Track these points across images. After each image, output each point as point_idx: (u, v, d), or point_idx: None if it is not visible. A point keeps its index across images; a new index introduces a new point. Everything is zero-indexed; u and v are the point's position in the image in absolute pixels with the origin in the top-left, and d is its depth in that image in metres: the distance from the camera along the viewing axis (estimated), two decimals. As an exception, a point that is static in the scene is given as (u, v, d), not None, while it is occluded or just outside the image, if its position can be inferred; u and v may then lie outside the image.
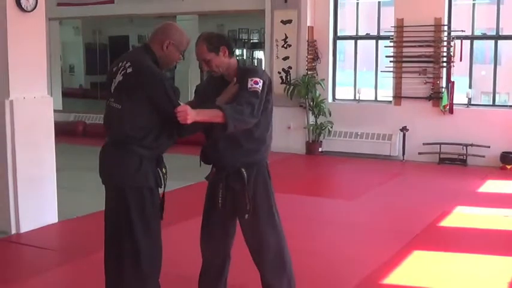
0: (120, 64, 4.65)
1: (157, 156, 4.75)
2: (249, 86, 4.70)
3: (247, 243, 5.05)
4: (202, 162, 5.06)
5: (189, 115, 4.39)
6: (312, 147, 14.02)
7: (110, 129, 4.73)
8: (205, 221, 5.17)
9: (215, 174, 5.01)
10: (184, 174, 9.38)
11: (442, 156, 12.82)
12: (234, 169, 4.88)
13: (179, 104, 4.47)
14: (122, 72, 4.58)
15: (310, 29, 14.07)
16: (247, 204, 4.85)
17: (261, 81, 4.75)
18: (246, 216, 4.87)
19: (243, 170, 4.85)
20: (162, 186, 4.79)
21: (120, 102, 4.57)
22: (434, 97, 12.95)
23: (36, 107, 7.91)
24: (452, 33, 12.84)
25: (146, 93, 4.51)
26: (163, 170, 4.79)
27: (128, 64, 4.59)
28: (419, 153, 12.99)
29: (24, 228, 7.76)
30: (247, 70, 4.91)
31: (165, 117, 4.53)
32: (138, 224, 4.62)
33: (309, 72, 13.95)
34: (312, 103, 13.81)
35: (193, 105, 4.68)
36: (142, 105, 4.54)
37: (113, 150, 4.67)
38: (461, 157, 12.67)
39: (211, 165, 5.07)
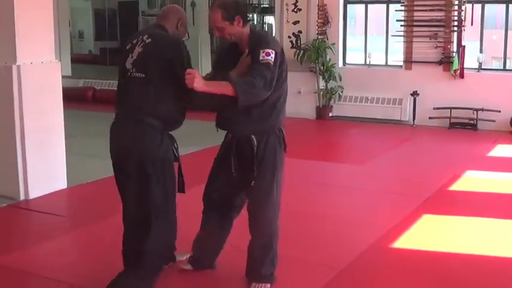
0: (136, 40, 4.84)
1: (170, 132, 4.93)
2: (261, 58, 4.66)
3: (248, 209, 5.15)
4: (218, 128, 5.11)
5: (196, 80, 4.41)
6: (322, 112, 13.97)
7: (129, 102, 4.80)
8: (214, 181, 5.22)
9: (228, 140, 5.05)
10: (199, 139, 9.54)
11: (452, 120, 12.76)
12: (244, 136, 4.90)
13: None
14: (141, 45, 4.77)
15: (321, -8, 13.97)
16: (254, 172, 4.87)
17: (273, 52, 4.70)
18: (252, 183, 4.91)
19: (253, 137, 4.86)
20: (178, 160, 4.99)
21: (144, 71, 4.70)
22: (445, 61, 12.85)
23: (44, 72, 7.87)
24: (464, -3, 12.72)
25: (166, 56, 4.70)
26: (175, 145, 4.97)
27: (146, 37, 4.81)
28: (430, 118, 12.93)
29: (33, 195, 7.76)
30: (259, 40, 4.83)
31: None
32: (159, 195, 4.75)
33: (319, 37, 13.86)
34: (322, 68, 13.74)
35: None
36: (167, 74, 4.69)
37: (133, 124, 4.74)
38: (472, 121, 12.60)
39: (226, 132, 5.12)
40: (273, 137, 4.96)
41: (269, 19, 21.55)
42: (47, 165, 7.93)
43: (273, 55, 4.67)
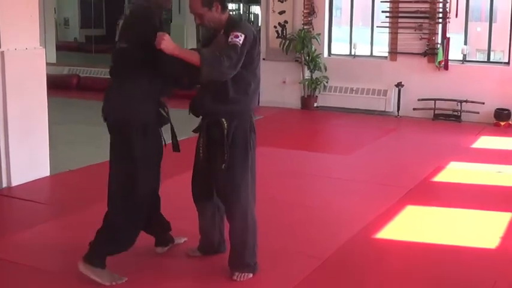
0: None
1: None
2: (229, 39, 4.78)
3: (217, 192, 5.18)
4: (191, 112, 5.16)
5: (164, 40, 4.63)
6: (307, 102, 13.96)
7: None
8: (194, 170, 5.30)
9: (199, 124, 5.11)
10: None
11: (436, 112, 12.78)
12: (214, 118, 4.93)
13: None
14: (123, 17, 5.45)
15: (307, -18, 13.93)
16: (225, 155, 4.89)
17: (243, 35, 4.80)
18: (223, 166, 4.92)
19: (224, 120, 4.88)
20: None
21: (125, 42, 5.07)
22: (430, 53, 12.86)
23: (28, 58, 7.82)
24: (449, -11, 12.73)
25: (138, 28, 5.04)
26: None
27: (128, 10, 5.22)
28: (414, 109, 12.94)
29: (15, 182, 7.71)
30: (233, 23, 4.97)
31: None
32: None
33: (304, 27, 13.82)
34: (307, 58, 13.71)
35: None
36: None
37: None
38: (456, 113, 12.62)
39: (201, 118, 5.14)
40: (244, 121, 5.00)
41: (255, 9, 21.50)
42: (30, 153, 7.88)
43: (242, 38, 4.78)
